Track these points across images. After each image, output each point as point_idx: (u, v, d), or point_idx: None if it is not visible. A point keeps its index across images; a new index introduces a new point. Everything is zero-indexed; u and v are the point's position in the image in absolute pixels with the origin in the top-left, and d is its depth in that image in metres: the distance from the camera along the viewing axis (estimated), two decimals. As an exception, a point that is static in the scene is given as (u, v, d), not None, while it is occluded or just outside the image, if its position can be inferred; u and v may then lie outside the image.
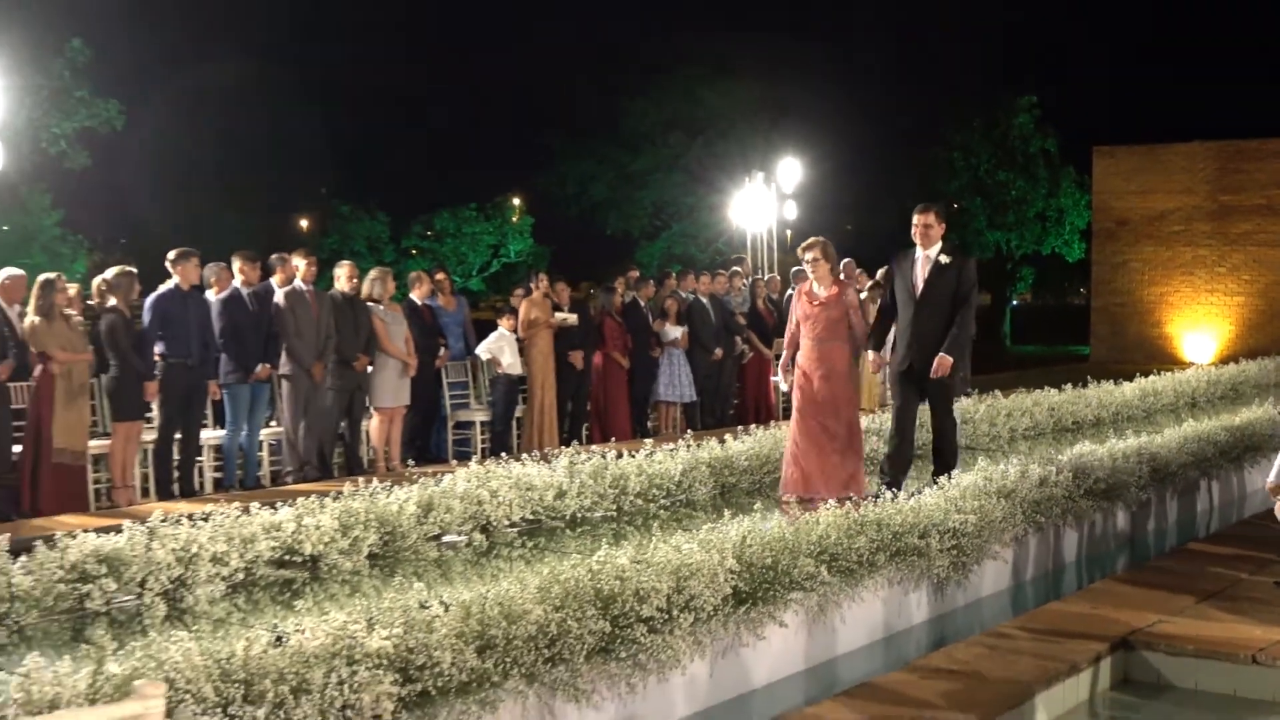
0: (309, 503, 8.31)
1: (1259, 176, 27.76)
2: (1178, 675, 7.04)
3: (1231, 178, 28.06)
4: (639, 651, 6.18)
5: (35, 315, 10.28)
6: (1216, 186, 28.20)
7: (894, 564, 7.99)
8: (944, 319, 9.61)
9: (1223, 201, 28.13)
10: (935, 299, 9.63)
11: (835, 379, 9.84)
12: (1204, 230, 28.34)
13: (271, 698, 4.82)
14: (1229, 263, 28.14)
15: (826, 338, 9.82)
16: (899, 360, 9.91)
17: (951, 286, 9.65)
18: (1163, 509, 11.61)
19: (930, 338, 9.62)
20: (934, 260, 9.67)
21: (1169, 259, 28.72)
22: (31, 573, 6.83)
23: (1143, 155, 29.33)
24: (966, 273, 9.77)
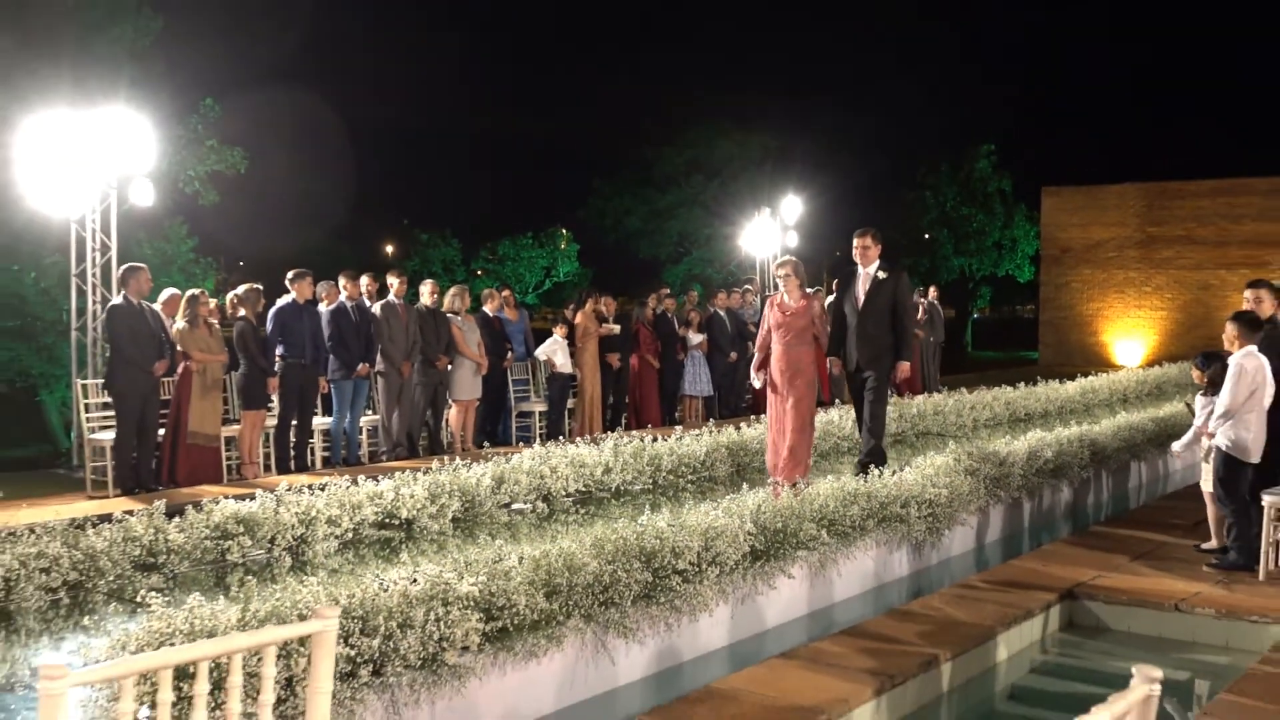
0: (403, 476, 8.41)
1: (1179, 212, 27.66)
2: (1113, 620, 7.11)
3: (1157, 213, 27.96)
4: (675, 597, 6.26)
5: (183, 322, 10.39)
6: (1144, 220, 28.09)
7: (881, 529, 8.03)
8: (884, 324, 9.37)
9: (1149, 232, 28.02)
10: (875, 308, 9.39)
11: (800, 378, 9.38)
12: (1133, 256, 28.23)
13: (383, 631, 4.91)
14: (1154, 283, 28.03)
15: (795, 343, 9.43)
16: (850, 363, 9.61)
17: (889, 297, 9.40)
18: (1100, 485, 11.61)
19: (873, 341, 9.39)
20: (873, 276, 9.46)
21: (1104, 280, 28.62)
22: (183, 531, 6.96)
23: (1083, 194, 29.24)
24: (901, 285, 9.52)
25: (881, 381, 9.45)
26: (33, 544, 6.26)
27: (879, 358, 9.34)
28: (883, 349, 9.36)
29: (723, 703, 5.18)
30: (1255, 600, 6.92)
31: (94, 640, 5.65)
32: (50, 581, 6.16)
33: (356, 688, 4.78)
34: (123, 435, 9.95)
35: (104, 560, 6.41)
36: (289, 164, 40.23)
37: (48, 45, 13.46)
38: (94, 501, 9.33)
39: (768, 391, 9.57)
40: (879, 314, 9.32)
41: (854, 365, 9.50)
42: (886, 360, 9.38)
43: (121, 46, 14.59)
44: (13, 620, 5.97)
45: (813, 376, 9.54)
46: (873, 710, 5.43)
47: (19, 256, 13.29)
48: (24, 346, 13.81)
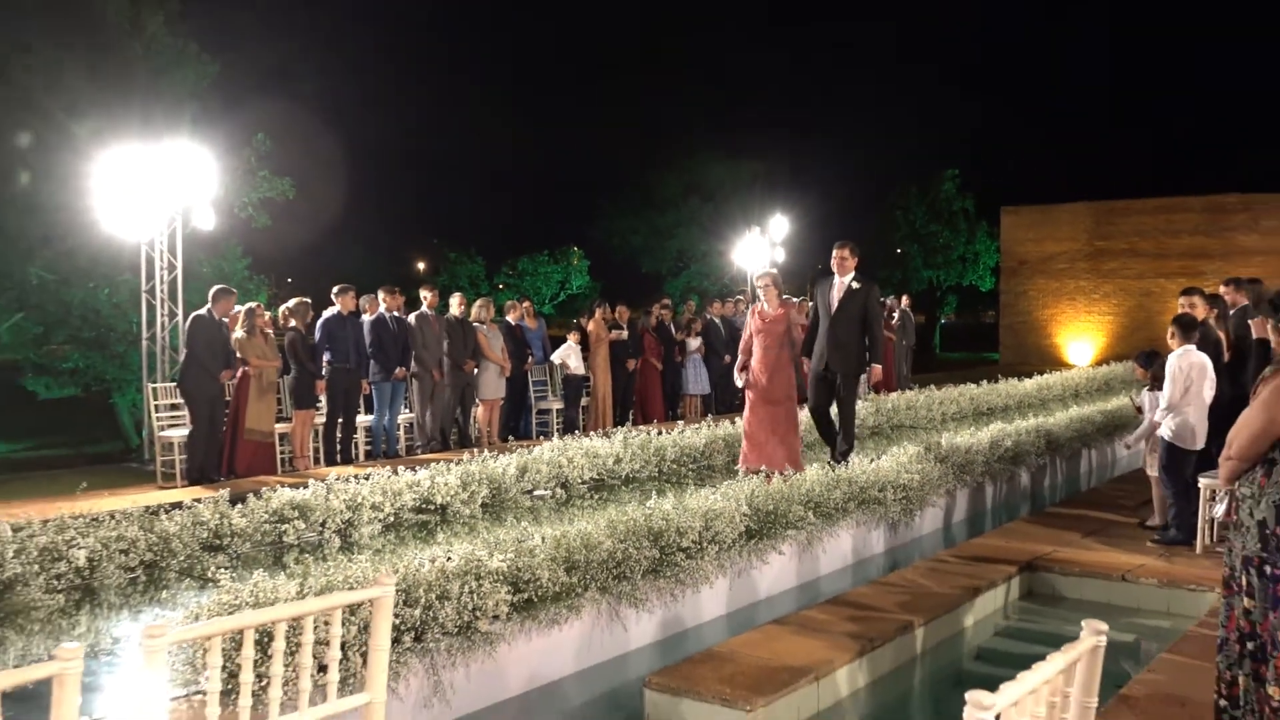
0: (437, 467, 8.46)
1: (1124, 228, 27.64)
2: (1067, 589, 7.15)
3: (1104, 229, 27.93)
4: (679, 572, 6.31)
5: (242, 332, 10.42)
6: (1093, 235, 28.06)
7: (860, 510, 8.07)
8: (855, 330, 9.10)
9: (1097, 246, 28.00)
10: (847, 315, 9.09)
11: (779, 379, 9.20)
12: (1083, 268, 28.21)
13: (423, 601, 4.98)
14: (1101, 291, 28.00)
15: (774, 347, 9.22)
16: (815, 362, 9.26)
17: (861, 306, 9.11)
18: (1055, 470, 11.65)
19: (845, 346, 9.10)
20: (847, 285, 9.17)
21: (1057, 289, 28.60)
22: (245, 516, 7.01)
23: (1038, 212, 29.22)
24: (872, 295, 9.24)
25: (850, 384, 9.20)
26: (113, 528, 6.33)
27: (847, 360, 9.11)
28: (851, 353, 9.13)
29: (722, 663, 5.23)
30: (1193, 571, 6.97)
31: (168, 613, 5.74)
32: (128, 561, 6.23)
33: (401, 652, 4.84)
34: (196, 432, 10.01)
35: (175, 542, 6.47)
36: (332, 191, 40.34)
37: (119, 87, 13.55)
38: (165, 491, 9.38)
39: (747, 390, 9.40)
40: (850, 320, 9.11)
41: (823, 365, 9.21)
42: (855, 363, 9.15)
43: (184, 88, 14.69)
44: (96, 595, 6.04)
45: (791, 377, 9.34)
46: (854, 669, 5.48)
47: (95, 276, 13.36)
48: (99, 355, 13.87)
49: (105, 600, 5.97)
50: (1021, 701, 2.08)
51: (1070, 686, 2.34)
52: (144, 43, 14.47)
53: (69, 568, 5.98)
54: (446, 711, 5.03)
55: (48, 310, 13.53)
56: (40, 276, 13.23)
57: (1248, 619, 3.51)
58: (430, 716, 4.98)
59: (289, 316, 11.15)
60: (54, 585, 5.88)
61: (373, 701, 2.73)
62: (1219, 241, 26.26)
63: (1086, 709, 2.41)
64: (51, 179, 12.79)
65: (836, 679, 5.34)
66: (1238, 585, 3.56)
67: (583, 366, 13.95)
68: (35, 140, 12.90)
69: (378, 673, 2.69)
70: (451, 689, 5.03)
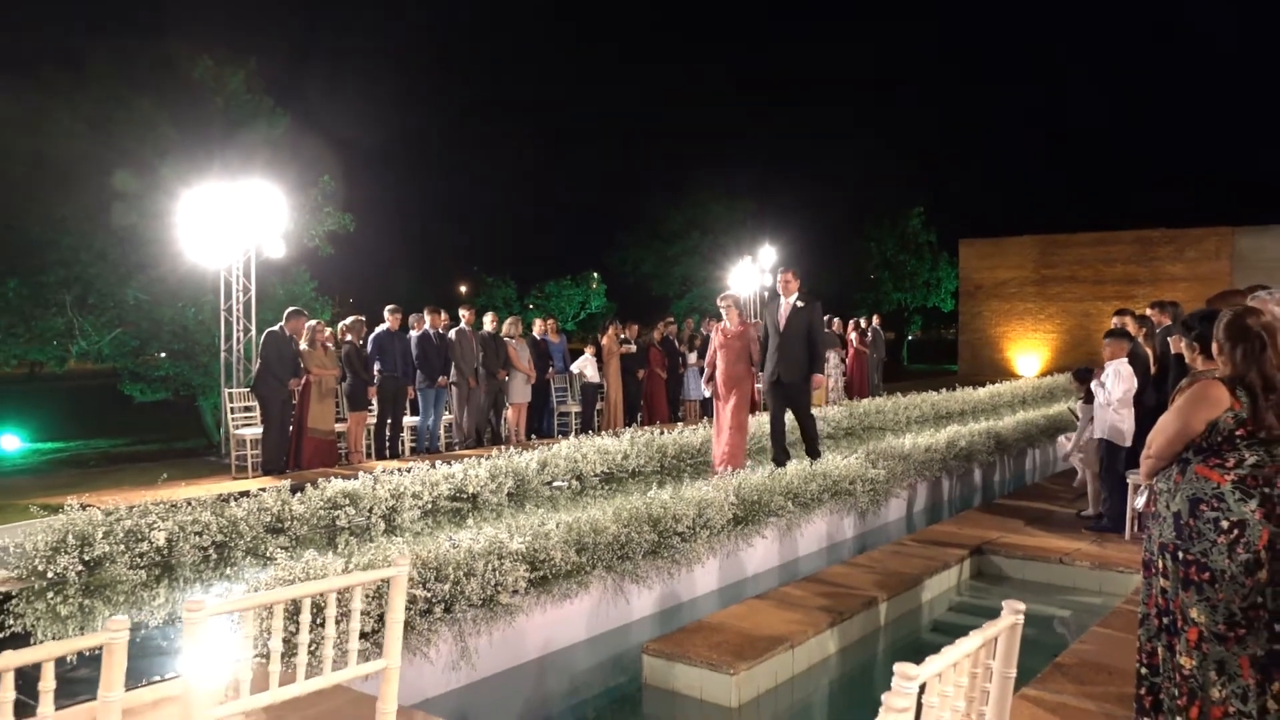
0: (470, 461, 8.44)
1: (1067, 257, 27.46)
2: (1012, 570, 7.08)
3: (1049, 258, 27.75)
4: (675, 553, 6.28)
5: (305, 345, 10.45)
6: (1039, 264, 27.88)
7: (834, 500, 8.02)
8: (800, 345, 8.76)
9: (1043, 273, 27.82)
10: (793, 332, 8.79)
11: (739, 388, 8.96)
12: (1031, 292, 28.03)
13: (452, 578, 4.95)
14: (1046, 312, 27.82)
15: (735, 360, 9.00)
16: (769, 374, 8.95)
17: (805, 323, 8.79)
18: (1003, 466, 11.55)
19: (792, 359, 8.77)
20: (792, 305, 8.88)
21: (1008, 310, 28.43)
22: (303, 503, 6.99)
23: (991, 244, 29.06)
24: (815, 313, 8.87)
25: (801, 394, 8.85)
26: (189, 513, 6.31)
27: (795, 371, 8.78)
28: (798, 365, 8.78)
29: (711, 633, 5.18)
30: (1122, 555, 6.88)
31: (234, 586, 5.72)
32: (202, 542, 6.21)
33: (433, 621, 4.81)
34: (268, 430, 10.00)
35: (243, 525, 6.45)
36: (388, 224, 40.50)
37: (202, 136, 13.62)
38: (237, 481, 9.37)
39: (714, 400, 9.18)
40: (796, 336, 8.79)
41: (775, 377, 8.89)
42: (801, 374, 8.80)
43: (258, 136, 14.73)
44: (173, 571, 6.01)
45: (749, 388, 9.12)
46: (826, 639, 5.42)
47: (183, 297, 13.40)
48: (186, 364, 13.91)
49: (181, 575, 5.94)
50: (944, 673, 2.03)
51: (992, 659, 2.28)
52: (225, 98, 14.54)
53: (150, 547, 5.95)
54: (472, 673, 4.99)
55: (143, 326, 13.59)
56: (137, 297, 13.28)
57: (1164, 597, 3.45)
58: (458, 677, 4.95)
59: (346, 332, 11.15)
60: (137, 562, 5.86)
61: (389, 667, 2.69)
62: (1148, 270, 26.08)
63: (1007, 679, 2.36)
64: (146, 215, 12.83)
65: (810, 646, 5.28)
66: (1155, 568, 3.50)
67: (598, 375, 13.92)
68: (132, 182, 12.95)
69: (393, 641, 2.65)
70: (476, 653, 5.00)
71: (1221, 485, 3.32)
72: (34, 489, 9.76)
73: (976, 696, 2.23)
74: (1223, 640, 3.26)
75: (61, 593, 5.47)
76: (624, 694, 5.17)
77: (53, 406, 23.21)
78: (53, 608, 5.23)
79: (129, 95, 13.36)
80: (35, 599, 5.38)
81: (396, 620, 2.66)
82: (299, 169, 15.13)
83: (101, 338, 13.51)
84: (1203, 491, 3.35)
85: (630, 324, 14.97)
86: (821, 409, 12.95)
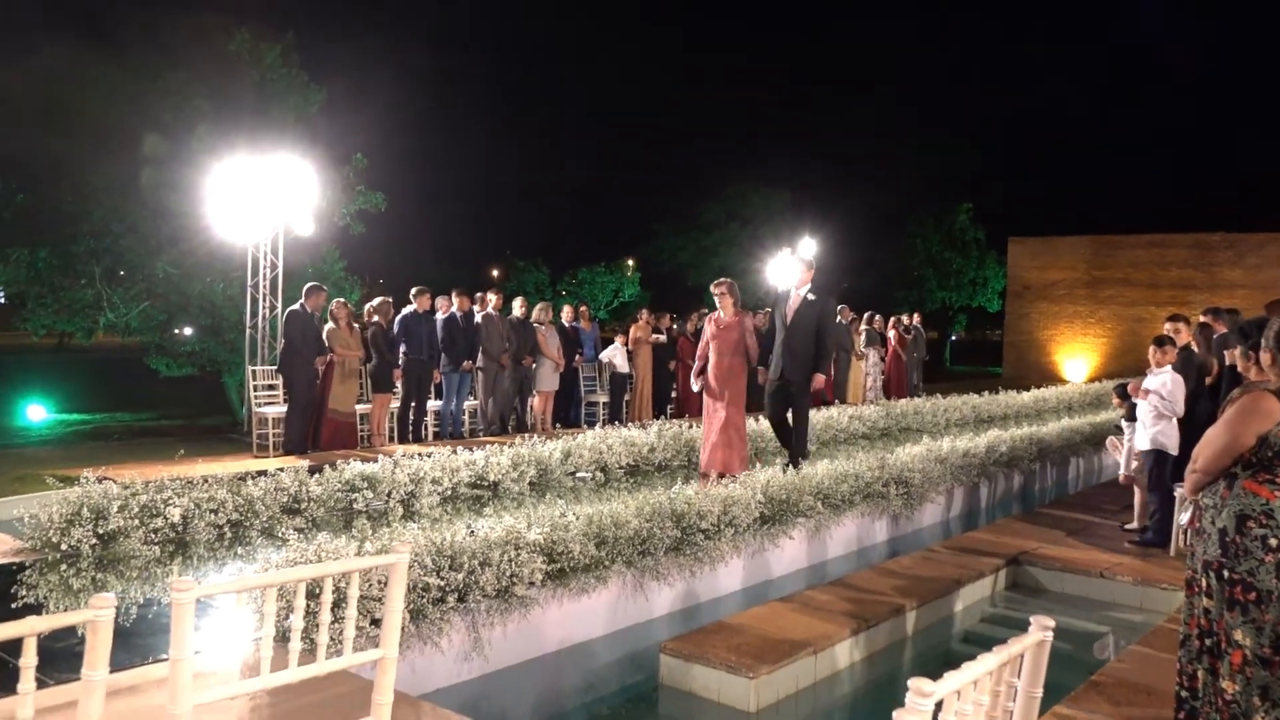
0: (493, 449, 8.42)
1: (1120, 259, 27.03)
2: (1050, 583, 6.96)
3: (1101, 260, 27.33)
4: (698, 550, 6.24)
5: (330, 323, 10.50)
6: (1091, 265, 27.47)
7: (866, 503, 7.94)
8: (808, 341, 8.31)
9: (1095, 275, 27.41)
10: (801, 326, 8.36)
11: (732, 384, 8.52)
12: (1081, 294, 27.63)
13: (467, 567, 4.94)
14: (1097, 316, 27.41)
15: (728, 353, 8.55)
16: (771, 372, 8.51)
17: (815, 317, 8.36)
18: (1045, 474, 11.38)
19: (799, 356, 8.33)
20: (803, 298, 8.47)
21: (1057, 312, 28.04)
22: (321, 485, 7.02)
23: (1041, 243, 28.66)
24: (828, 308, 8.50)
25: (802, 393, 8.39)
26: (205, 490, 6.36)
27: (801, 370, 8.35)
28: (804, 362, 8.33)
29: (731, 634, 5.13)
30: (1165, 571, 6.74)
31: (248, 566, 5.76)
32: (217, 520, 6.26)
33: (445, 611, 4.80)
34: (292, 409, 10.08)
35: (259, 505, 6.49)
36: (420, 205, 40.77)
37: (234, 109, 13.72)
38: (258, 460, 9.45)
39: (704, 395, 8.69)
40: (805, 331, 8.36)
41: (778, 374, 8.48)
42: (804, 372, 8.34)
43: (292, 111, 14.82)
44: (187, 549, 6.07)
45: (743, 384, 8.61)
46: (851, 646, 5.36)
47: (212, 272, 13.53)
48: (213, 340, 14.07)
49: (195, 553, 5.99)
50: (964, 690, 1.96)
51: (1016, 677, 2.21)
52: (260, 72, 14.64)
53: (165, 523, 6.01)
54: (484, 665, 4.99)
55: (171, 300, 13.75)
56: (166, 270, 13.44)
57: (1206, 618, 3.35)
58: (470, 668, 4.94)
59: (373, 313, 11.23)
60: (151, 538, 5.92)
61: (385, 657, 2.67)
62: (1206, 275, 25.61)
63: (1032, 699, 2.29)
64: (176, 189, 12.97)
65: (834, 653, 5.22)
66: (1199, 587, 3.40)
67: (627, 365, 13.89)
68: (164, 153, 13.10)
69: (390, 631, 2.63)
70: (489, 645, 5.00)
71: (1271, 501, 3.22)
72: (55, 460, 9.92)
73: (999, 717, 2.17)
74: (1268, 664, 3.16)
75: (75, 566, 5.55)
76: (639, 693, 5.14)
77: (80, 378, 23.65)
78: (65, 580, 5.30)
79: (163, 67, 13.50)
80: (48, 570, 5.46)
81: (394, 610, 2.65)
82: (332, 146, 15.22)
83: (130, 310, 13.70)
84: (1251, 508, 3.25)
85: (663, 314, 14.91)
86: (857, 408, 12.83)
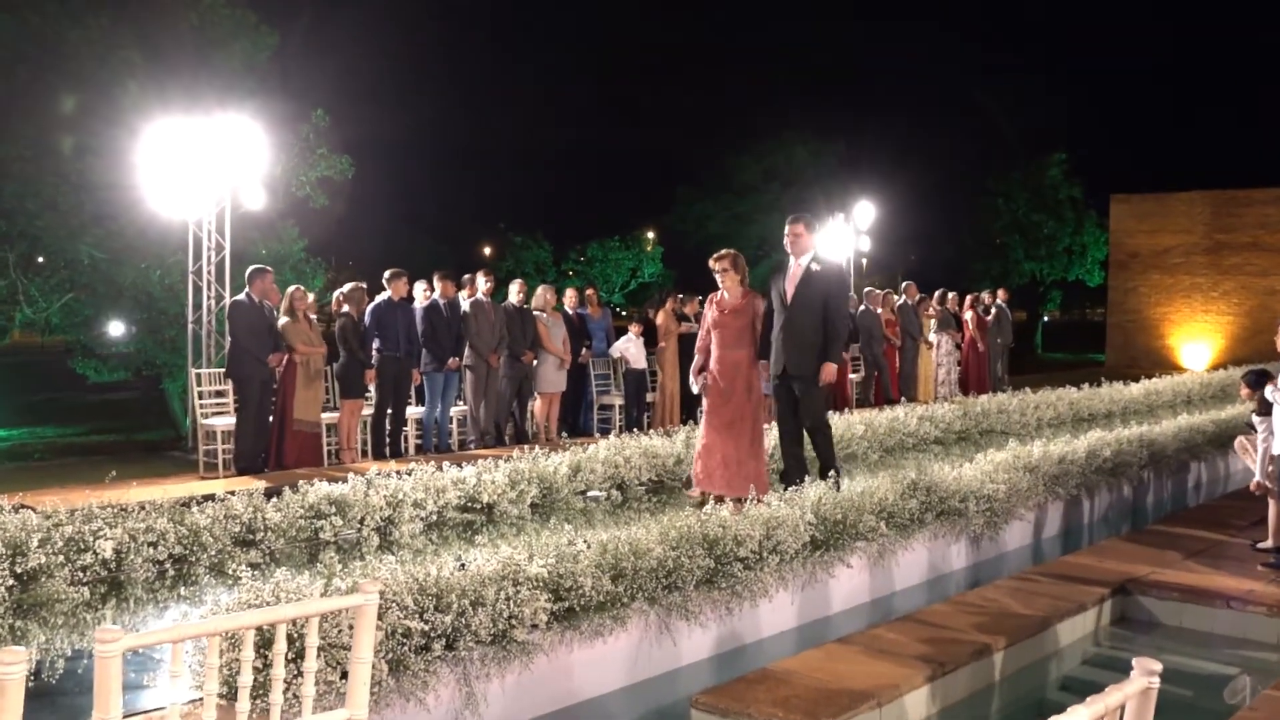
0: (487, 464, 8.43)
1: (1247, 219, 26.80)
2: (1165, 616, 6.87)
3: (1224, 220, 27.12)
4: (736, 584, 6.20)
5: (284, 316, 10.52)
6: (1212, 227, 27.27)
7: (939, 522, 7.88)
8: (814, 323, 7.93)
9: (1217, 239, 27.20)
10: (804, 305, 7.95)
11: (739, 384, 8.10)
12: (1200, 263, 27.44)
13: (456, 608, 4.91)
14: (1221, 289, 27.20)
15: (734, 344, 8.08)
16: (773, 367, 8.12)
17: (820, 292, 7.95)
18: (1159, 484, 11.25)
19: (803, 343, 7.95)
20: (805, 268, 8.07)
21: (1171, 285, 27.85)
22: (280, 510, 7.03)
23: (1152, 202, 28.47)
24: (835, 281, 8.19)
25: (811, 389, 8.06)
26: (142, 519, 6.38)
27: (806, 361, 7.97)
28: (809, 350, 7.96)
29: (777, 684, 5.09)
30: (1310, 600, 6.64)
31: (193, 609, 5.77)
32: (157, 555, 6.29)
33: (430, 660, 4.79)
34: (246, 421, 10.12)
35: (206, 536, 6.51)
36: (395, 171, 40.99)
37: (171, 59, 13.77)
38: (204, 482, 9.50)
39: (704, 397, 8.32)
40: (808, 311, 7.94)
41: (780, 369, 8.08)
42: (812, 363, 7.98)
43: (239, 60, 14.87)
44: (123, 590, 6.10)
45: (755, 382, 8.18)
46: (924, 696, 5.30)
47: (147, 256, 13.58)
48: (149, 339, 14.16)
49: (132, 595, 6.03)
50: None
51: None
52: (199, 13, 14.68)
53: (95, 559, 6.04)
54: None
55: (98, 291, 13.83)
56: (91, 255, 13.49)
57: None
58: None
59: (343, 301, 11.21)
60: (79, 577, 5.96)
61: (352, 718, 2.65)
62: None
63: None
64: (103, 155, 13.04)
65: (903, 705, 5.17)
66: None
67: (643, 359, 13.83)
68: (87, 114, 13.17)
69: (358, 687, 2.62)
70: (485, 701, 4.98)
71: None
72: (-35, 486, 10.00)
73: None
74: None
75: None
76: (667, 757, 5.12)
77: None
78: (-24, 630, 5.33)
79: (84, 10, 13.56)
80: (-45, 619, 5.49)
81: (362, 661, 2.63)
82: (288, 100, 15.30)
83: (50, 304, 13.80)
84: None
85: (692, 297, 14.80)
86: (928, 406, 12.77)
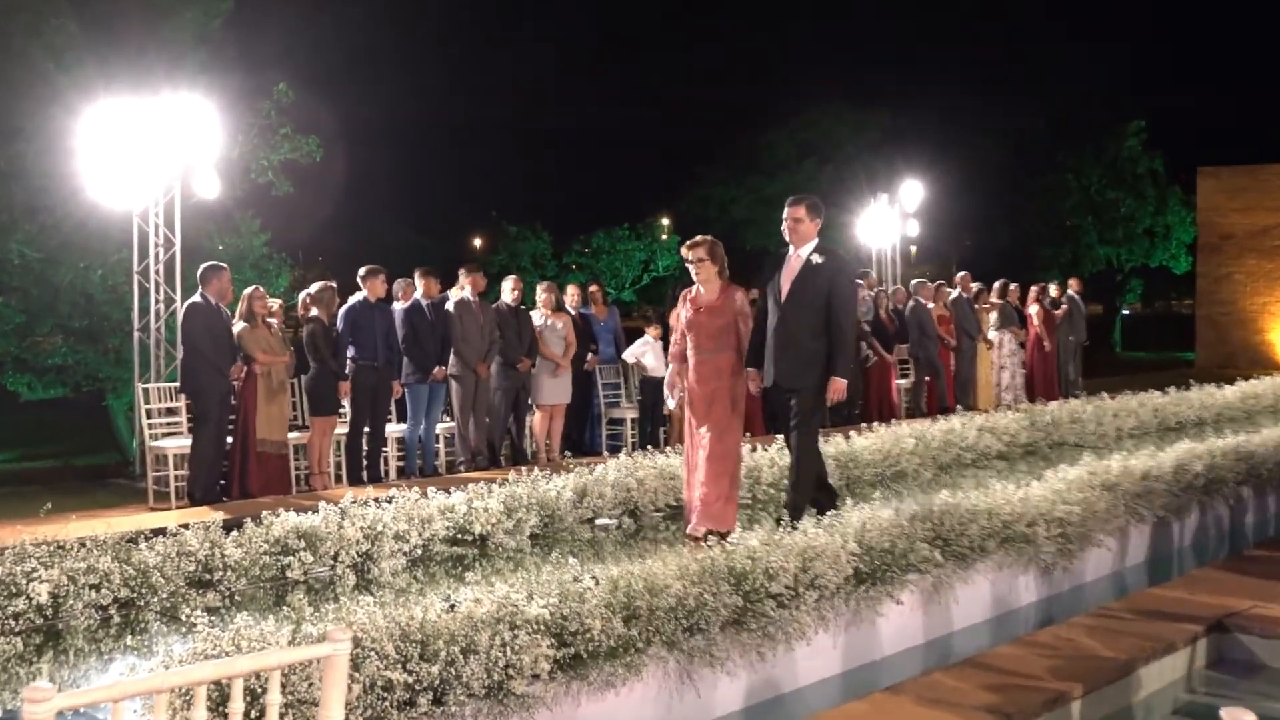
0: (478, 488, 8.44)
1: (1359, 193, 26.75)
2: (1270, 656, 6.81)
3: (1332, 195, 27.07)
4: (768, 624, 6.18)
5: (241, 321, 10.55)
6: (1320, 203, 27.23)
7: (1004, 550, 7.84)
8: (813, 327, 7.72)
9: (1324, 217, 27.16)
10: (803, 302, 7.73)
11: (720, 396, 7.95)
12: (1305, 245, 27.40)
13: (444, 656, 4.92)
14: (1330, 275, 27.16)
15: (712, 349, 7.93)
16: (765, 375, 7.91)
17: (823, 290, 7.71)
18: (1261, 503, 11.19)
19: (799, 347, 7.74)
20: (805, 260, 7.81)
21: (1270, 271, 27.73)
22: (241, 545, 7.04)
23: (1245, 175, 28.36)
24: (841, 275, 7.91)
25: (806, 405, 7.84)
26: (82, 558, 6.39)
27: (803, 371, 7.76)
28: (808, 359, 7.75)
29: (817, 742, 5.08)
30: None
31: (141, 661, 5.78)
32: (100, 599, 6.29)
33: (415, 716, 4.79)
34: (203, 442, 10.13)
35: (156, 576, 6.52)
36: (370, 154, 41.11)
37: (110, 31, 13.83)
38: (154, 514, 9.52)
39: (685, 412, 8.20)
40: (806, 311, 7.73)
41: (771, 379, 7.89)
42: (815, 373, 7.75)
43: (188, 29, 14.92)
44: (61, 639, 6.10)
45: (738, 394, 8.07)
46: (989, 753, 5.28)
47: (86, 254, 13.59)
48: (90, 349, 14.17)
49: (71, 646, 6.03)
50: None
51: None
52: (145, -25, 14.77)
53: (28, 605, 6.05)
54: (472, 792, 4.97)
55: (31, 294, 13.84)
56: (22, 254, 13.52)
57: None
58: (452, 799, 4.92)
59: (311, 303, 11.20)
60: (10, 626, 5.97)
61: (320, 791, 2.65)
62: None
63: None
64: (35, 139, 13.10)
65: (965, 765, 5.15)
66: None
67: (661, 366, 13.80)
68: (16, 93, 13.22)
69: (328, 755, 2.60)
70: (478, 765, 4.97)
71: None
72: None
73: None
74: None
75: (-95, 667, 5.60)
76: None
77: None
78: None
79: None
80: None
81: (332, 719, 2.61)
82: (246, 74, 15.31)
83: (-26, 311, 13.85)
84: None
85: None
86: (989, 415, 12.71)
